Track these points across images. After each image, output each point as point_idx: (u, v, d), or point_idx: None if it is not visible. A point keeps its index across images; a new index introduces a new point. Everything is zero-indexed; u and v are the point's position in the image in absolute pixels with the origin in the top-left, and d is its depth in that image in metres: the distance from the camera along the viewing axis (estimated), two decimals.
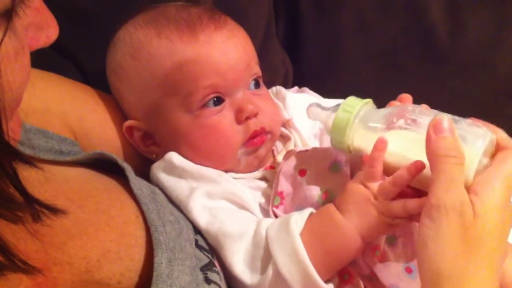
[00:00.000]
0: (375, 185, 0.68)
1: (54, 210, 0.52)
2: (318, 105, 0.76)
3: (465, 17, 1.17)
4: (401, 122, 0.67)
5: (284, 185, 0.77)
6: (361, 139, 0.70)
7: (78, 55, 0.95)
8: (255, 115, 0.80)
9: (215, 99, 0.79)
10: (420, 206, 0.63)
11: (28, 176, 0.50)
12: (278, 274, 0.68)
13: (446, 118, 0.61)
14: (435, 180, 0.59)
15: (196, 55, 0.78)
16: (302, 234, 0.69)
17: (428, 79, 1.17)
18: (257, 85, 0.84)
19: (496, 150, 0.63)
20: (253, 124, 0.80)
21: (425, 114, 0.67)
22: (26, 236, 0.51)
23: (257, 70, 0.84)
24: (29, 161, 0.49)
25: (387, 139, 0.67)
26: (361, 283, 0.73)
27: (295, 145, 0.88)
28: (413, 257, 0.72)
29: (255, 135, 0.80)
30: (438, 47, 1.17)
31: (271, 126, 0.82)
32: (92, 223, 0.60)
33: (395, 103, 0.75)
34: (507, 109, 1.20)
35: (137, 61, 0.81)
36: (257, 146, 0.81)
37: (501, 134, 0.65)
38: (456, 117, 0.66)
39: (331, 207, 0.70)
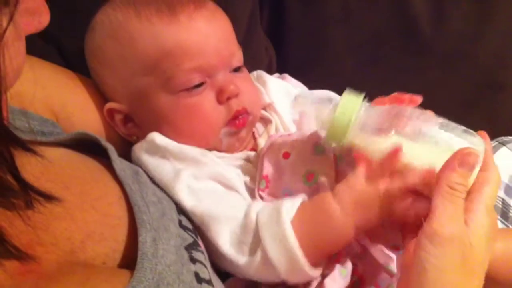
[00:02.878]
0: (380, 185, 0.67)
1: (49, 198, 0.52)
2: (307, 97, 0.74)
3: (447, 8, 1.18)
4: (408, 129, 0.67)
5: (269, 169, 0.77)
6: (363, 142, 0.69)
7: (60, 38, 0.94)
8: (236, 95, 0.80)
9: (198, 83, 0.78)
10: (426, 208, 0.63)
11: (24, 161, 0.50)
12: (266, 260, 0.68)
13: (474, 154, 0.62)
14: (441, 208, 0.60)
15: (177, 37, 0.77)
16: (293, 222, 0.68)
17: (410, 69, 1.18)
18: (238, 67, 0.83)
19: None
20: (235, 104, 0.80)
21: (427, 121, 0.68)
22: (12, 217, 0.51)
23: (239, 55, 0.84)
24: (28, 147, 0.49)
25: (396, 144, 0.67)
26: (349, 261, 0.73)
27: (276, 129, 0.88)
28: (397, 236, 0.72)
29: (237, 115, 0.80)
30: (420, 38, 1.18)
31: (252, 108, 0.82)
32: (76, 205, 0.60)
33: (383, 100, 0.75)
34: (487, 101, 1.21)
35: (117, 42, 0.80)
36: (239, 128, 0.81)
37: (488, 156, 0.66)
38: (452, 124, 0.67)
39: (328, 198, 0.69)
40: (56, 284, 0.51)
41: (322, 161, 0.76)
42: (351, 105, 0.69)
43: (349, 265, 0.72)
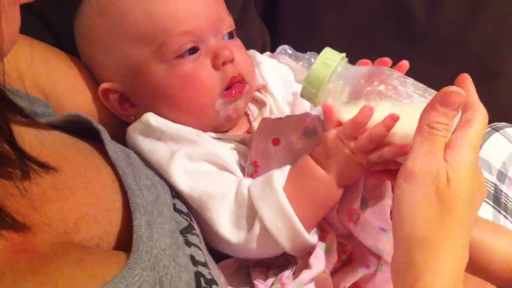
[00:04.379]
0: (352, 144, 0.69)
1: (46, 167, 0.51)
2: (291, 51, 0.74)
3: None
4: (382, 87, 0.67)
5: (258, 155, 0.78)
6: (337, 99, 0.70)
7: (50, 17, 0.93)
8: (231, 60, 0.79)
9: (191, 48, 0.78)
10: (394, 152, 0.65)
11: (22, 130, 0.50)
12: (264, 230, 0.69)
13: (457, 94, 0.61)
14: (416, 146, 0.60)
15: (166, 4, 0.77)
16: (285, 189, 0.70)
17: (403, 56, 1.17)
18: (231, 36, 0.83)
19: (463, 111, 0.63)
20: (231, 70, 0.79)
21: (402, 81, 0.68)
22: (6, 196, 0.51)
23: (229, 20, 0.83)
24: (27, 113, 0.49)
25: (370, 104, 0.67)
26: (335, 240, 0.74)
27: (270, 111, 0.88)
28: (384, 218, 0.74)
29: (233, 81, 0.79)
30: (414, 26, 1.18)
31: (248, 75, 0.82)
32: (69, 187, 0.59)
33: (367, 61, 0.75)
34: (480, 88, 1.20)
35: (106, 18, 0.80)
36: (235, 97, 0.80)
37: (472, 96, 0.65)
38: (429, 89, 0.68)
39: (309, 161, 0.72)
40: (51, 263, 0.50)
41: (312, 145, 0.76)
42: (329, 60, 0.69)
43: (332, 240, 0.73)
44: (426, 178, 0.58)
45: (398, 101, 0.67)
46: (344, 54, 0.71)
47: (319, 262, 0.71)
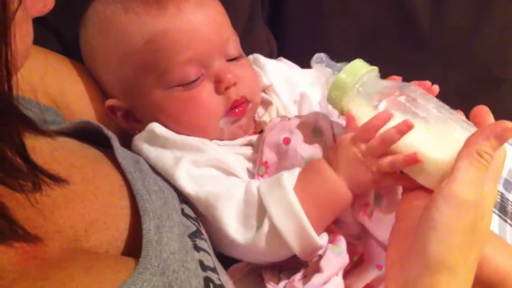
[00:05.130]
0: (363, 146, 0.69)
1: (57, 180, 0.52)
2: (326, 59, 0.75)
3: (446, 2, 1.18)
4: (402, 98, 0.68)
5: (268, 155, 0.78)
6: (356, 106, 0.71)
7: (59, 25, 0.93)
8: (234, 84, 0.79)
9: (195, 79, 0.77)
10: (405, 160, 0.65)
11: (34, 143, 0.50)
12: (273, 229, 0.68)
13: (509, 129, 0.61)
14: (463, 172, 0.59)
15: (165, 29, 0.76)
16: (295, 189, 0.70)
17: (408, 63, 1.18)
18: (235, 53, 0.82)
19: None
20: (233, 94, 0.79)
21: (425, 98, 0.68)
22: (17, 204, 0.51)
23: (233, 39, 0.82)
24: (39, 128, 0.50)
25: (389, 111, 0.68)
26: (344, 242, 0.73)
27: (277, 111, 0.88)
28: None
29: (236, 104, 0.79)
30: (419, 32, 1.19)
31: (252, 95, 0.82)
32: (78, 194, 0.60)
33: (396, 77, 0.76)
34: (485, 95, 1.22)
35: (106, 39, 0.80)
36: (238, 116, 0.80)
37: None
38: (452, 111, 0.68)
39: (321, 162, 0.71)
40: (61, 270, 0.51)
41: (322, 145, 0.76)
42: (356, 69, 0.71)
43: (342, 243, 0.73)
44: (470, 208, 0.58)
45: (415, 115, 0.67)
46: (375, 67, 0.73)
47: (330, 266, 0.70)
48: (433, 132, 0.65)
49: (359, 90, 0.71)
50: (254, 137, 0.82)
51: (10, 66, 0.46)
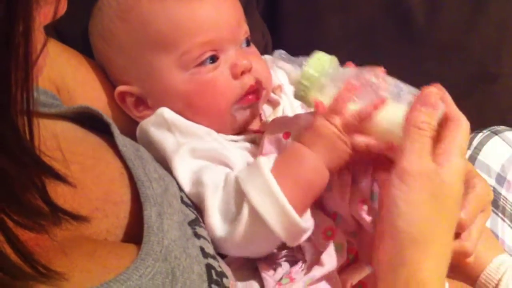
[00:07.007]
0: (338, 120, 0.70)
1: (78, 218, 0.52)
2: (286, 55, 0.76)
3: None
4: (363, 80, 0.71)
5: (268, 149, 0.78)
6: (326, 96, 0.72)
7: (59, 24, 0.93)
8: (250, 70, 0.81)
9: (211, 56, 0.79)
10: (380, 147, 0.68)
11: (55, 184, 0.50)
12: (253, 213, 0.67)
13: (434, 94, 0.65)
14: (409, 147, 0.62)
15: (191, 12, 0.78)
16: (272, 171, 0.69)
17: (404, 59, 1.19)
18: (247, 43, 0.84)
19: (445, 121, 0.67)
20: (248, 79, 0.80)
21: (385, 79, 0.71)
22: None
23: (246, 28, 0.85)
24: (62, 177, 0.49)
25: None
26: (345, 240, 0.74)
27: (283, 111, 0.89)
28: None
29: (251, 90, 0.81)
30: (415, 28, 1.19)
31: (265, 82, 0.83)
32: (78, 182, 0.58)
33: (353, 64, 0.77)
34: (480, 91, 1.23)
35: (127, 23, 0.80)
36: (251, 102, 0.82)
37: (451, 107, 0.68)
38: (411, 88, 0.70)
39: (296, 143, 0.72)
40: (65, 256, 0.51)
41: None
42: (322, 62, 0.72)
43: (342, 239, 0.74)
44: (423, 179, 0.61)
45: (379, 95, 0.70)
46: (334, 56, 0.74)
47: (331, 260, 0.71)
48: (397, 109, 0.68)
49: (325, 80, 0.72)
50: (258, 135, 0.83)
51: (31, 114, 0.45)
